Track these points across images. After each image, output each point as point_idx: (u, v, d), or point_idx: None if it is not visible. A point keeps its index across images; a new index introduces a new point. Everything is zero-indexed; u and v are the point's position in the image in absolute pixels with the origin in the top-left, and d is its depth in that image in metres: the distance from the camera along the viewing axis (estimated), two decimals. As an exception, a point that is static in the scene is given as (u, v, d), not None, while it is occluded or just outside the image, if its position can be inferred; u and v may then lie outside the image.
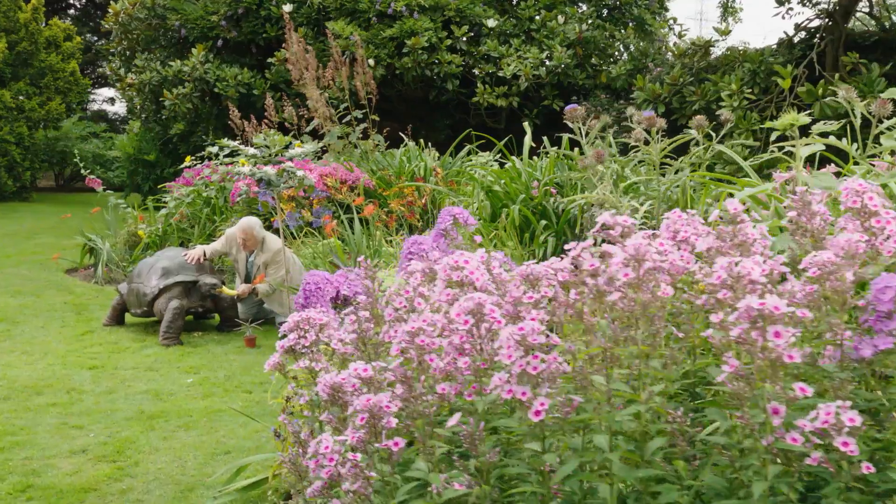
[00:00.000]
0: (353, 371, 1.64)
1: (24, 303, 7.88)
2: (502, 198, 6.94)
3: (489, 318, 1.54)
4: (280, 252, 6.72)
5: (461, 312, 1.56)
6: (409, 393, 1.52)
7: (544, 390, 1.41)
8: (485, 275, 1.72)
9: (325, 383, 1.69)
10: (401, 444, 1.48)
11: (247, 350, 6.22)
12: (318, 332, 1.98)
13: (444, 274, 1.72)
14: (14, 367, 5.68)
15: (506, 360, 1.43)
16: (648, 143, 6.10)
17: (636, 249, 1.49)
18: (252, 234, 6.79)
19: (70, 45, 19.85)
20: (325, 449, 1.52)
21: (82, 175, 23.80)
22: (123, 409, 4.85)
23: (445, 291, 1.70)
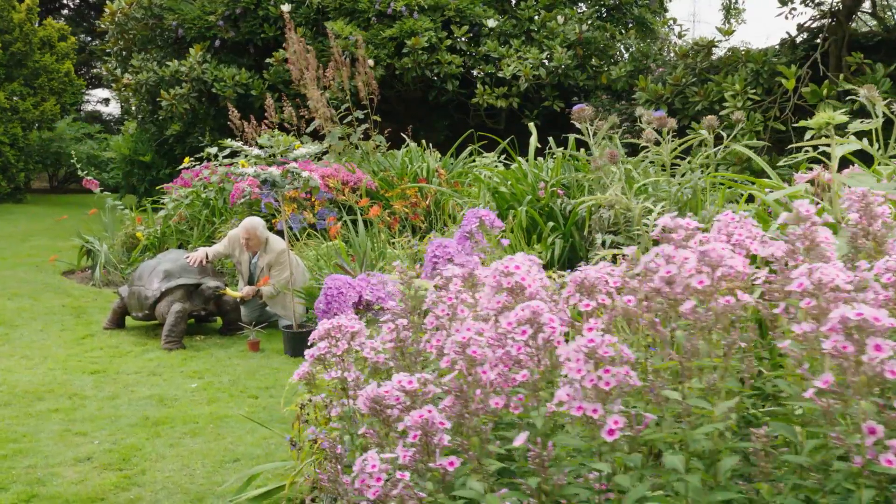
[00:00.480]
0: (397, 383, 1.55)
1: (22, 306, 7.77)
2: (508, 199, 6.86)
3: (547, 328, 1.45)
4: (284, 253, 6.62)
5: (518, 322, 1.47)
6: (464, 408, 1.43)
7: (616, 407, 1.32)
8: (536, 281, 1.63)
9: (367, 396, 1.59)
10: (456, 464, 1.39)
11: (250, 354, 6.12)
12: (349, 340, 1.89)
13: (494, 280, 1.63)
14: (14, 372, 5.57)
15: (575, 375, 1.34)
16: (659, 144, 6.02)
17: (710, 254, 1.40)
18: (255, 234, 6.70)
19: (64, 45, 19.70)
20: (371, 468, 1.43)
21: (76, 176, 23.76)
22: (127, 414, 4.75)
23: (496, 299, 1.61)
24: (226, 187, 9.69)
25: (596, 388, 1.30)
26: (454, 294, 1.76)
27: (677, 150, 5.86)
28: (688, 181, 5.69)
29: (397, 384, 1.55)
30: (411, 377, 1.55)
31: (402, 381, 1.55)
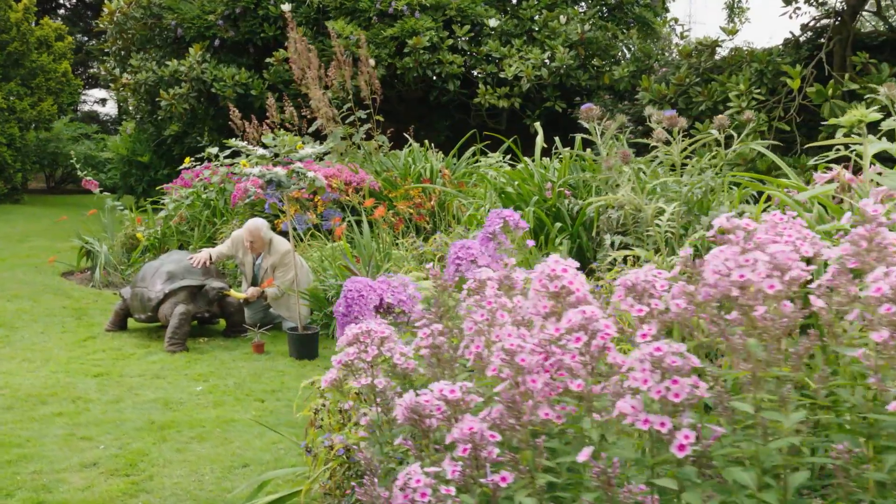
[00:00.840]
0: (438, 392, 1.48)
1: (22, 307, 7.68)
2: (515, 199, 6.79)
3: (601, 335, 1.37)
4: (288, 254, 6.55)
5: (570, 328, 1.39)
6: (516, 419, 1.35)
7: (685, 420, 1.25)
8: (585, 285, 1.55)
9: (406, 405, 1.52)
10: (509, 479, 1.32)
11: (255, 356, 6.05)
12: (379, 345, 1.81)
13: (540, 284, 1.55)
14: (16, 375, 5.49)
15: (641, 385, 1.26)
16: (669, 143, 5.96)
17: (778, 257, 1.33)
18: (259, 235, 6.62)
19: (62, 45, 19.59)
20: (416, 482, 1.36)
21: (74, 177, 23.67)
22: (132, 418, 4.67)
23: (542, 303, 1.53)
24: (227, 188, 9.61)
25: (663, 400, 1.23)
26: (493, 298, 1.68)
27: (688, 150, 5.80)
28: (699, 181, 5.63)
29: (438, 393, 1.47)
30: (453, 386, 1.48)
31: (444, 390, 1.48)
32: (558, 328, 1.43)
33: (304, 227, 6.07)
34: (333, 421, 3.27)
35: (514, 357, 1.39)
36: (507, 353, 1.41)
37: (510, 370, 1.40)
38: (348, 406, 2.55)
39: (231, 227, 8.54)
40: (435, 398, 1.48)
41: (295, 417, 4.32)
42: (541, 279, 1.54)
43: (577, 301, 1.50)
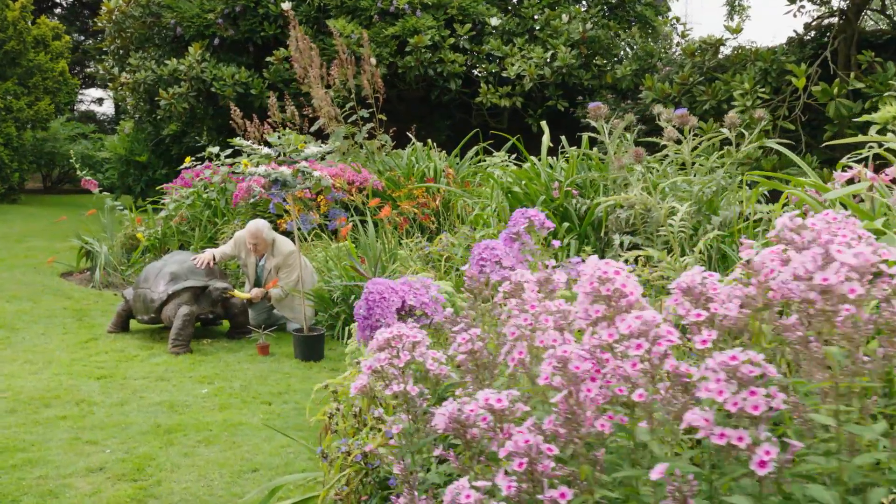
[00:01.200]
0: (484, 401, 1.40)
1: (22, 308, 7.60)
2: (522, 199, 6.71)
3: (664, 342, 1.30)
4: (292, 255, 6.48)
5: (630, 334, 1.32)
6: (574, 432, 1.28)
7: (762, 434, 1.18)
8: (638, 288, 1.48)
9: (449, 415, 1.44)
10: (568, 496, 1.24)
11: (260, 358, 5.97)
12: (410, 350, 1.74)
13: (590, 287, 1.48)
14: (18, 378, 5.40)
15: (716, 397, 1.19)
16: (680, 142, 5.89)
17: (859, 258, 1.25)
18: (262, 237, 6.54)
19: (59, 44, 19.51)
20: (466, 498, 1.28)
21: (70, 177, 23.58)
22: (138, 422, 4.59)
23: (593, 308, 1.45)
24: (228, 187, 9.54)
25: (740, 413, 1.16)
26: (535, 301, 1.61)
27: (700, 149, 5.74)
28: (710, 180, 5.56)
29: (484, 402, 1.40)
30: (499, 394, 1.40)
31: (490, 399, 1.40)
32: (611, 334, 1.36)
33: (309, 227, 5.99)
34: (348, 425, 3.19)
35: (568, 365, 1.32)
36: (559, 361, 1.33)
37: (562, 378, 1.33)
38: (378, 413, 2.47)
39: (232, 228, 8.46)
40: (481, 408, 1.41)
41: (307, 421, 4.24)
42: (591, 282, 1.47)
43: (629, 305, 1.43)
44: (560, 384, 1.33)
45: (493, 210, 6.80)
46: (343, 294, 6.34)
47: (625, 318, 1.36)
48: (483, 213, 6.76)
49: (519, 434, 1.30)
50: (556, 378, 1.34)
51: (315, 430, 4.42)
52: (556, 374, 1.34)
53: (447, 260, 6.28)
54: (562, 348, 1.34)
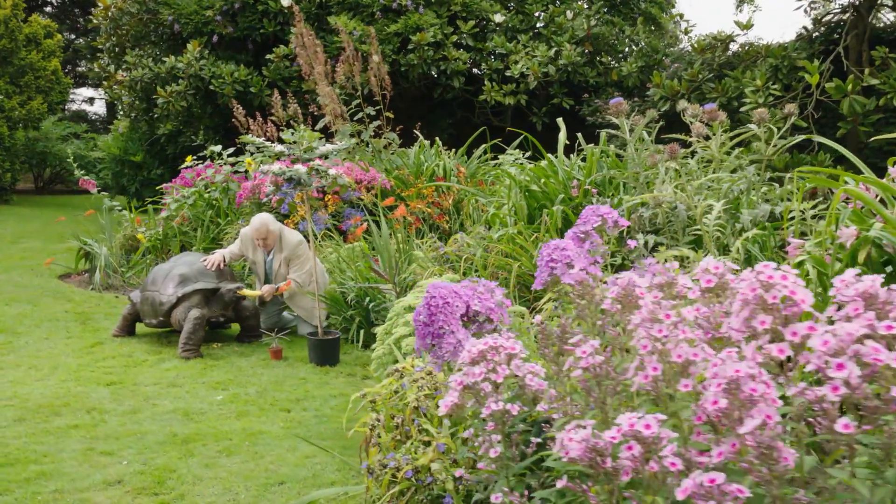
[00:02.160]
0: (628, 426, 1.22)
1: (22, 311, 7.38)
2: (540, 198, 6.54)
3: (872, 359, 1.11)
4: (301, 244, 6.28)
5: (828, 352, 1.13)
6: (769, 471, 1.09)
7: None
8: (808, 296, 1.30)
9: (586, 443, 1.26)
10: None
11: (273, 363, 5.77)
12: (507, 364, 1.56)
13: (752, 294, 1.29)
14: (24, 384, 5.20)
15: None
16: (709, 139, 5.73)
17: None
18: (268, 230, 6.33)
19: (51, 42, 19.22)
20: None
21: (62, 177, 23.30)
22: (153, 431, 4.39)
23: (759, 319, 1.27)
24: (231, 187, 9.34)
25: None
26: (669, 309, 1.43)
27: (726, 146, 5.58)
28: (741, 177, 5.40)
29: (629, 428, 1.22)
30: (649, 418, 1.22)
31: (636, 425, 1.22)
32: (781, 349, 1.18)
33: (322, 226, 5.79)
34: (389, 437, 3.01)
35: (742, 387, 1.13)
36: (730, 383, 1.14)
37: (727, 402, 1.14)
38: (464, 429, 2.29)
39: (236, 228, 8.27)
40: (625, 434, 1.22)
41: (344, 432, 4.05)
42: (753, 287, 1.28)
43: (796, 315, 1.25)
44: (725, 408, 1.15)
45: (509, 209, 6.62)
46: (357, 296, 6.15)
47: (801, 331, 1.18)
48: (499, 211, 6.58)
49: (697, 473, 1.11)
50: (724, 401, 1.15)
51: (340, 440, 4.24)
52: (723, 397, 1.15)
53: (466, 261, 6.10)
54: (731, 367, 1.16)
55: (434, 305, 2.15)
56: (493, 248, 6.02)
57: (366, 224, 6.43)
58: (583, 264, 2.19)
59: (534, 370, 1.59)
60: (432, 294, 2.17)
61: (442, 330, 2.14)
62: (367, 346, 6.06)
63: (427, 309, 2.17)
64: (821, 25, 10.83)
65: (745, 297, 1.29)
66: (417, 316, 2.23)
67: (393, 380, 3.27)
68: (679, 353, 1.30)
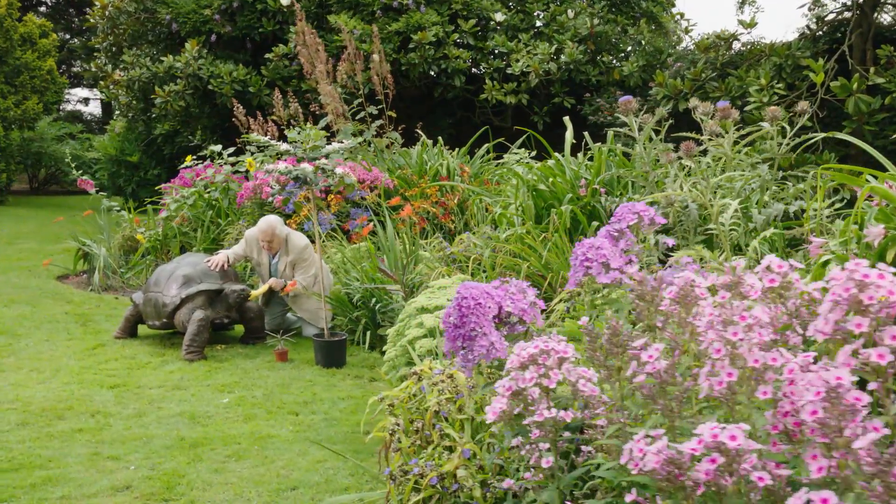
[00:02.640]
0: (711, 437, 1.13)
1: (21, 313, 7.28)
2: (548, 197, 6.46)
3: None
4: (307, 248, 6.20)
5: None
6: (884, 488, 1.00)
7: None
8: (903, 295, 1.22)
9: (662, 455, 1.17)
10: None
11: (279, 365, 5.68)
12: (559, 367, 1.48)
13: (846, 293, 1.20)
14: (25, 387, 5.10)
15: None
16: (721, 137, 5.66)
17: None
18: (274, 233, 6.25)
19: (46, 42, 19.09)
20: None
21: (58, 178, 23.15)
22: (160, 435, 4.30)
23: (855, 321, 1.19)
24: (231, 187, 9.25)
25: None
26: (741, 310, 1.34)
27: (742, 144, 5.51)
28: (754, 176, 5.32)
29: (712, 440, 1.13)
30: (731, 429, 1.13)
31: (720, 436, 1.13)
32: (882, 354, 1.10)
33: (328, 227, 5.71)
34: (409, 442, 2.92)
35: (844, 395, 1.05)
36: (830, 392, 1.05)
37: (825, 413, 1.06)
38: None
39: (238, 228, 8.18)
40: (707, 447, 1.14)
41: (357, 438, 3.97)
42: (847, 287, 1.20)
43: (891, 318, 1.17)
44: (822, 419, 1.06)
45: (516, 208, 6.54)
46: (363, 297, 6.06)
47: None
48: (506, 211, 6.50)
49: (804, 494, 1.02)
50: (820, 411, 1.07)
51: (352, 444, 4.16)
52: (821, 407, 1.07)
53: (474, 261, 6.02)
54: (833, 374, 1.08)
55: (466, 307, 2.06)
56: (502, 248, 5.94)
57: (372, 224, 6.33)
58: (618, 264, 2.11)
59: (586, 375, 1.51)
60: (464, 295, 2.08)
61: (474, 332, 2.06)
62: (374, 348, 5.98)
63: (458, 310, 2.09)
64: (823, 24, 10.77)
65: (837, 296, 1.21)
66: (447, 318, 2.14)
67: (411, 383, 3.18)
68: (756, 357, 1.22)
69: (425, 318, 3.96)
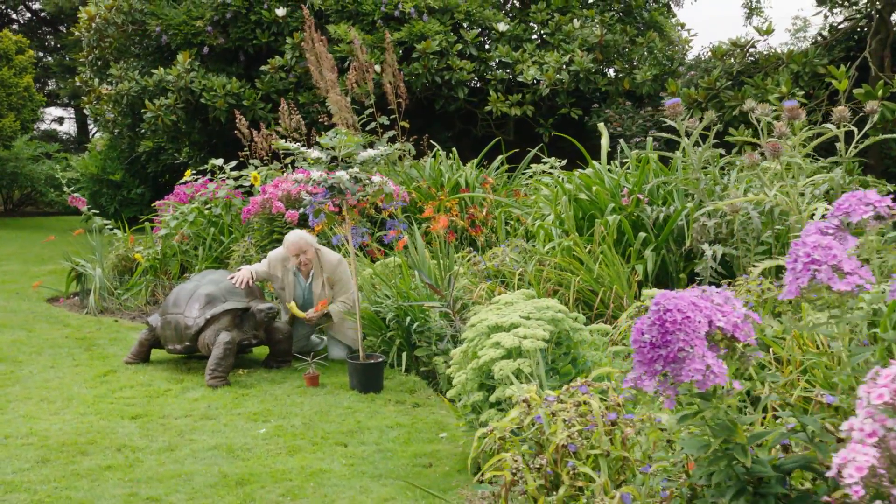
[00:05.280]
0: None
1: (17, 338, 6.79)
2: (589, 207, 6.09)
3: None
4: (342, 264, 5.79)
5: None
6: None
7: None
8: None
9: None
10: None
11: (310, 390, 5.24)
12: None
13: None
14: (38, 419, 4.63)
15: None
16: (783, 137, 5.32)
17: None
18: (307, 246, 5.80)
19: (22, 58, 18.57)
20: None
21: (33, 198, 22.47)
22: (199, 471, 3.85)
23: None
24: (234, 202, 8.82)
25: None
26: None
27: (810, 146, 5.17)
28: (826, 180, 4.99)
29: None
30: None
31: None
32: None
33: (360, 240, 5.30)
34: (535, 485, 2.51)
35: None
36: None
37: None
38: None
39: (244, 245, 7.74)
40: None
41: (419, 472, 3.54)
42: None
43: None
44: None
45: (555, 220, 6.16)
46: (398, 316, 5.64)
47: None
48: (544, 223, 6.12)
49: None
50: None
51: (415, 477, 3.73)
52: None
53: (513, 275, 5.63)
54: None
55: (671, 321, 1.67)
56: (547, 261, 5.56)
57: (405, 238, 5.92)
58: (852, 267, 1.73)
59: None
60: (666, 307, 1.69)
61: (683, 353, 1.66)
62: (409, 370, 5.56)
63: (659, 326, 1.69)
64: (838, 32, 10.53)
65: None
66: (639, 335, 1.74)
67: (520, 407, 2.78)
68: None
69: (502, 338, 3.55)
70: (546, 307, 3.90)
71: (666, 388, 1.71)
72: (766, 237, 5.35)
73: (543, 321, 3.76)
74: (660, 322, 1.71)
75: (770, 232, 5.35)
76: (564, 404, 2.62)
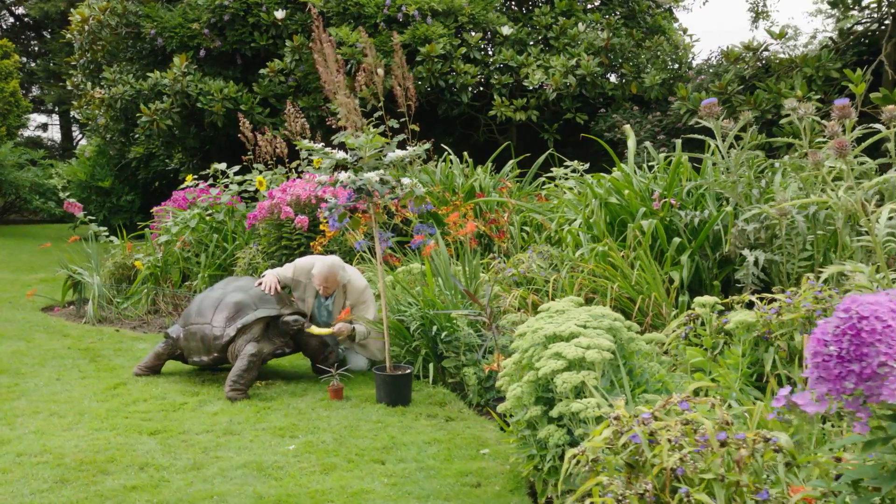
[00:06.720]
0: None
1: (17, 349, 6.50)
2: (619, 212, 5.87)
3: None
4: (366, 291, 5.53)
5: None
6: None
7: None
8: None
9: None
10: None
11: (336, 404, 4.96)
12: None
13: None
14: (51, 435, 4.35)
15: None
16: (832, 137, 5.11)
17: None
18: (336, 281, 5.55)
19: (8, 63, 18.18)
20: None
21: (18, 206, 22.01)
22: (231, 492, 3.58)
23: None
24: (237, 208, 8.55)
25: None
26: None
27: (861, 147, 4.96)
28: (883, 181, 4.78)
29: None
30: None
31: None
32: None
33: (387, 244, 5.05)
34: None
35: None
36: None
37: None
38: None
39: (250, 252, 7.47)
40: None
41: (468, 491, 3.27)
42: None
43: None
44: None
45: (581, 224, 5.93)
46: (422, 326, 5.38)
47: None
48: (573, 227, 5.88)
49: None
50: None
51: (464, 497, 3.48)
52: None
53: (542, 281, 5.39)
54: None
55: (868, 330, 1.43)
56: (581, 267, 5.32)
57: (434, 243, 5.67)
58: None
59: None
60: (861, 313, 1.45)
61: (884, 368, 1.42)
62: (436, 382, 5.31)
63: (850, 335, 1.45)
64: (849, 36, 10.38)
65: None
66: (821, 346, 1.50)
67: (605, 424, 2.53)
68: None
69: (562, 348, 3.31)
70: (602, 315, 3.66)
71: (857, 407, 1.47)
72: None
73: (601, 330, 3.52)
74: (853, 331, 1.47)
75: (812, 237, 5.15)
76: (664, 421, 2.39)
